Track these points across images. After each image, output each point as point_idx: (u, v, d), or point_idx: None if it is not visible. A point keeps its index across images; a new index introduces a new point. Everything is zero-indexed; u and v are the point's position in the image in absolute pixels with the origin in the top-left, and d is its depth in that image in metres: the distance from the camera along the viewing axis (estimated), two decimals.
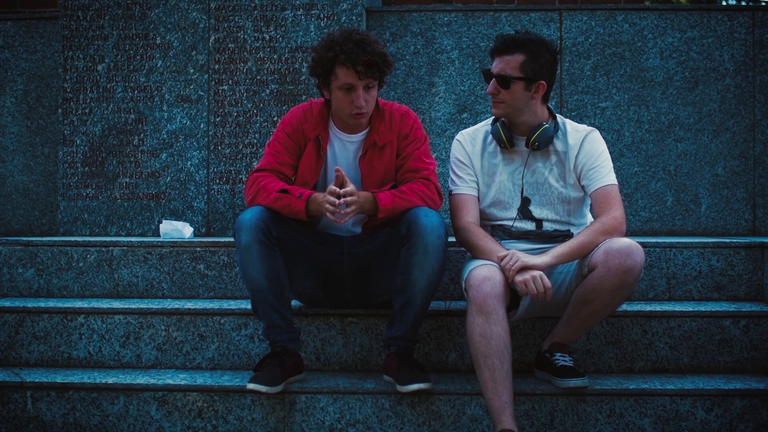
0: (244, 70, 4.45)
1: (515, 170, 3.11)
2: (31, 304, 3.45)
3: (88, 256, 3.70)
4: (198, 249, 3.68)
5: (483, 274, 2.84)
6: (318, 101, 3.23)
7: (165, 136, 4.47)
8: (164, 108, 4.47)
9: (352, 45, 2.99)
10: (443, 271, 3.00)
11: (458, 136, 3.20)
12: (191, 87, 4.47)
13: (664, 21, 4.54)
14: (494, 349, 2.77)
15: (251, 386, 2.92)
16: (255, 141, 4.44)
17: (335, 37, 3.04)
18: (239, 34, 4.46)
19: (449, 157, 3.21)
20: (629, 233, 3.16)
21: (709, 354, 3.26)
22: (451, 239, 3.11)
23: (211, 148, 4.46)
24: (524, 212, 3.10)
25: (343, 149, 3.18)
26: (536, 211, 3.10)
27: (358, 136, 3.17)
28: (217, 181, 4.45)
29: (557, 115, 3.13)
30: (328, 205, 2.92)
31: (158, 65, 4.48)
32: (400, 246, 2.97)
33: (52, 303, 3.49)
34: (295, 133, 3.15)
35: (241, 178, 4.44)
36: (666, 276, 3.56)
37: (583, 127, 3.13)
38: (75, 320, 3.38)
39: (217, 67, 4.46)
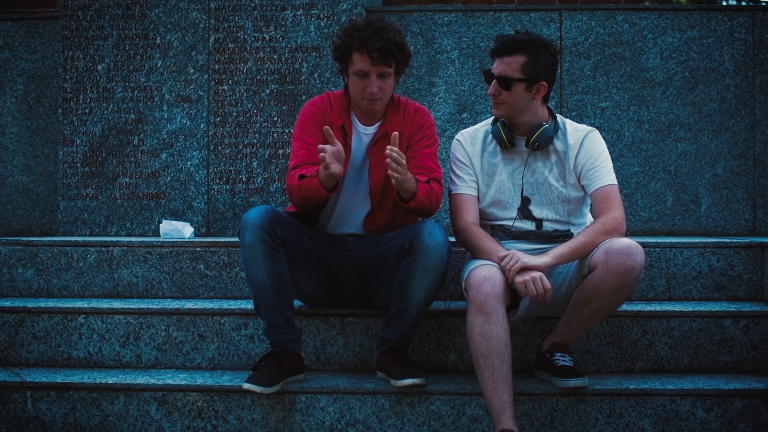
0: (244, 70, 4.45)
1: (515, 170, 3.11)
2: (31, 304, 3.45)
3: (88, 256, 3.70)
4: (198, 249, 3.68)
5: (483, 274, 2.84)
6: (336, 93, 3.22)
7: (165, 136, 4.47)
8: (164, 108, 4.47)
9: (369, 32, 3.00)
10: (442, 286, 3.00)
11: (458, 136, 3.20)
12: (191, 87, 4.47)
13: (664, 21, 4.54)
14: (494, 349, 2.77)
15: (246, 386, 2.93)
16: (255, 141, 4.44)
17: (356, 23, 3.07)
18: (239, 34, 4.46)
19: (449, 157, 3.21)
20: (629, 233, 3.16)
21: (709, 354, 3.26)
22: (451, 239, 3.10)
23: (211, 148, 4.45)
24: (524, 212, 3.10)
25: (359, 141, 3.17)
26: (536, 211, 3.10)
27: (373, 129, 3.17)
28: (217, 181, 4.45)
29: (557, 115, 3.13)
30: (322, 154, 2.83)
31: (158, 65, 4.48)
32: (401, 257, 2.97)
33: (52, 303, 3.48)
34: (319, 122, 3.11)
35: (241, 178, 4.43)
36: (666, 276, 3.56)
37: (583, 127, 3.13)
38: (75, 320, 3.38)
39: (217, 67, 4.46)
